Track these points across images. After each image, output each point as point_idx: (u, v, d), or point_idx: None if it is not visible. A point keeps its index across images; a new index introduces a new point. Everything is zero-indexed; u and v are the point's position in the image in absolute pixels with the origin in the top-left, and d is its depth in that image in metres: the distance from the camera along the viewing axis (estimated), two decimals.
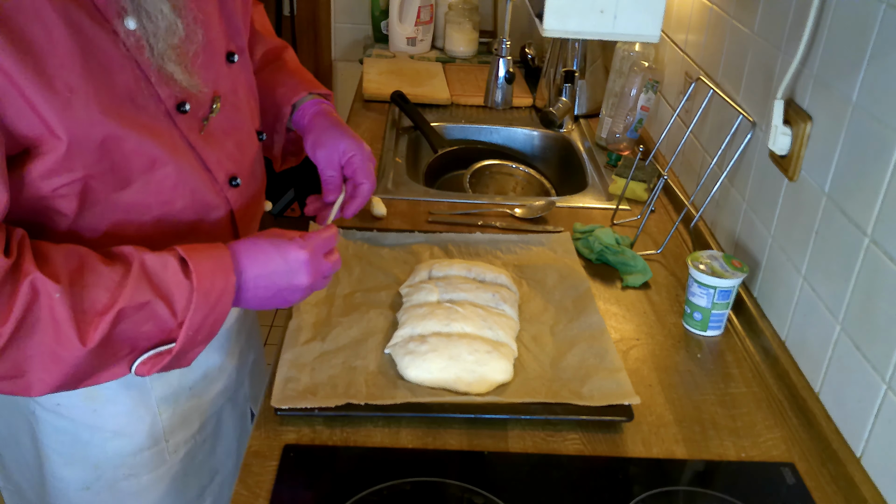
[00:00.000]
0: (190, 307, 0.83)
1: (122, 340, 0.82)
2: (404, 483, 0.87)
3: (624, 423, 0.97)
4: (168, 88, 0.88)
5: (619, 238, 1.35)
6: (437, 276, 1.19)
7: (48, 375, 0.79)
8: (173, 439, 1.06)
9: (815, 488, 0.91)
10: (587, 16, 1.14)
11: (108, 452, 1.02)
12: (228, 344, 1.12)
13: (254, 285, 0.89)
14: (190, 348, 0.86)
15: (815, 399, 1.00)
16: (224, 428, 1.16)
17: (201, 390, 1.08)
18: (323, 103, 1.16)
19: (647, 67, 1.69)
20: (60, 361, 0.78)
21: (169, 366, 0.87)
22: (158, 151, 0.87)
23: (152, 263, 0.82)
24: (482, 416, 0.96)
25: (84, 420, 0.99)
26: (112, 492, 1.05)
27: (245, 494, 0.85)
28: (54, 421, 1.00)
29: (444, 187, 1.82)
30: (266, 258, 0.90)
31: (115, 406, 0.99)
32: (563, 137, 1.91)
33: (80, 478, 1.04)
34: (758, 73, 1.25)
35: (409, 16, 2.37)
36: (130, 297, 0.80)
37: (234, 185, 0.99)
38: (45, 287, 0.76)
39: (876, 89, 0.91)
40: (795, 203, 1.09)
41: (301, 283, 0.91)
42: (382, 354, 1.05)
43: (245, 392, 1.21)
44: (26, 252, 0.78)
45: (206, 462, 1.14)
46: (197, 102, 0.92)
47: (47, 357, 0.78)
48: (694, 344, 1.15)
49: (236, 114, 1.00)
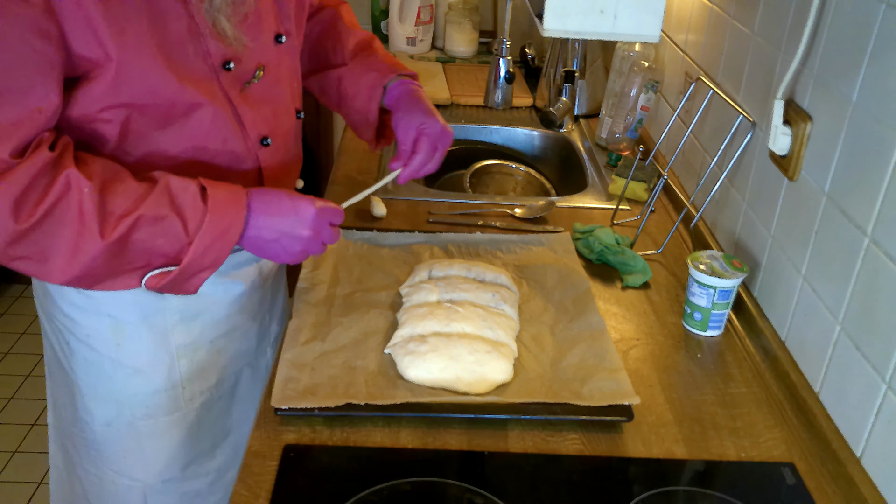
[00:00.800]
0: (200, 229, 0.92)
1: (136, 250, 0.91)
2: (404, 483, 0.87)
3: (624, 423, 0.97)
4: (217, 46, 0.97)
5: (619, 238, 1.35)
6: (437, 276, 1.19)
7: (67, 265, 0.88)
8: (190, 387, 1.14)
9: (815, 488, 0.91)
10: (587, 16, 1.14)
11: (128, 389, 1.11)
12: (251, 305, 1.19)
13: (261, 223, 0.98)
14: (195, 271, 0.95)
15: (815, 399, 1.00)
16: (241, 390, 1.24)
17: (221, 347, 1.16)
18: (409, 83, 1.23)
19: (647, 67, 1.69)
20: (80, 253, 0.88)
21: (174, 283, 0.95)
22: (199, 98, 0.96)
23: (175, 184, 0.93)
24: (482, 416, 0.96)
25: (109, 354, 1.09)
26: (130, 429, 1.14)
27: (245, 494, 0.85)
28: (86, 353, 1.10)
29: (444, 187, 1.81)
30: (278, 203, 0.99)
31: (137, 344, 1.09)
32: (563, 137, 1.91)
33: (103, 413, 1.13)
34: (758, 73, 1.25)
35: (409, 16, 2.37)
36: (150, 208, 0.90)
37: (265, 145, 1.07)
38: (78, 182, 0.86)
39: (876, 89, 0.91)
40: (795, 203, 1.09)
41: (303, 234, 1.00)
42: (382, 354, 1.05)
43: (267, 361, 1.27)
44: (68, 152, 0.89)
45: (220, 419, 1.22)
46: (241, 65, 1.01)
47: (70, 247, 0.87)
48: (694, 344, 1.15)
49: (276, 87, 1.08)
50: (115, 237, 0.88)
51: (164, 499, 1.20)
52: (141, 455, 1.16)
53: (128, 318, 1.08)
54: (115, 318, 1.07)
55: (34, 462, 2.26)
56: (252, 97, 1.04)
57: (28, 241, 0.86)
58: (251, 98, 1.04)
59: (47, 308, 1.12)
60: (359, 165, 1.67)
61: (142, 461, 1.17)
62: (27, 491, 2.17)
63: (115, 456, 1.16)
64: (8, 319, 2.87)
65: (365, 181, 1.60)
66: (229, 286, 1.14)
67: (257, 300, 1.21)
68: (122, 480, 1.18)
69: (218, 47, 0.97)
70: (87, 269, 0.90)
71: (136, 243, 0.91)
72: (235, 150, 1.04)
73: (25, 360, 2.67)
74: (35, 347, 2.73)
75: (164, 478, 1.18)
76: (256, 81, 1.03)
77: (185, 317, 1.11)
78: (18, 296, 3.00)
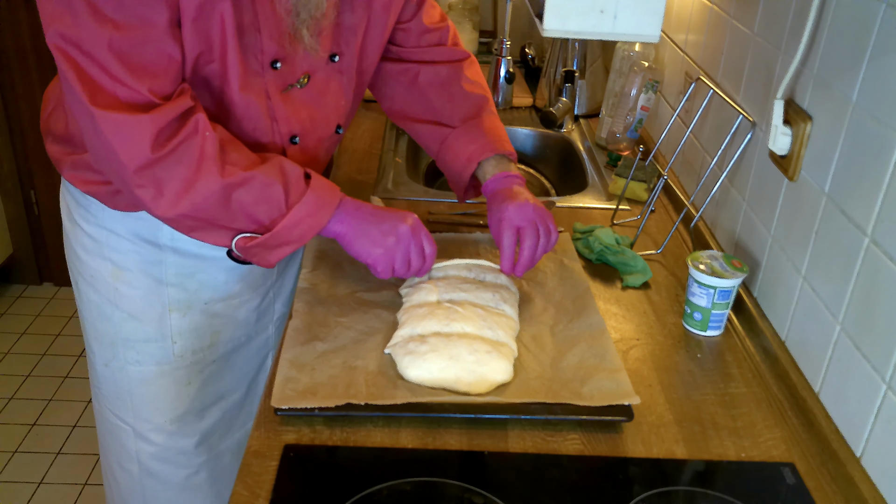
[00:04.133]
0: (298, 203, 1.02)
1: (237, 209, 1.00)
2: (404, 483, 0.87)
3: (624, 423, 0.97)
4: (270, 45, 1.02)
5: (619, 238, 1.35)
6: (437, 276, 1.19)
7: (178, 200, 0.96)
8: (181, 342, 1.22)
9: (815, 488, 0.91)
10: (587, 16, 1.14)
11: (122, 333, 1.21)
12: (253, 277, 1.26)
13: (352, 213, 1.08)
14: (281, 242, 1.04)
15: (815, 399, 1.00)
16: (237, 360, 1.32)
17: (217, 311, 1.24)
18: (513, 180, 1.23)
19: (647, 67, 1.69)
20: (193, 191, 0.96)
21: (260, 249, 1.04)
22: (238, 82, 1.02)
23: (285, 162, 1.04)
24: (482, 416, 0.96)
25: (108, 296, 1.19)
26: (123, 374, 1.24)
27: (245, 494, 0.85)
28: (90, 294, 1.21)
29: (444, 187, 1.81)
30: (371, 210, 1.09)
31: (133, 290, 1.18)
32: (563, 137, 1.91)
33: (102, 353, 1.24)
34: (758, 73, 1.25)
35: None
36: (264, 172, 1.00)
37: (293, 143, 1.13)
38: (205, 126, 0.97)
39: (876, 89, 0.91)
40: (795, 203, 1.09)
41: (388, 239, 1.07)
42: (382, 354, 1.05)
43: (268, 337, 1.36)
44: (199, 106, 0.99)
45: (211, 382, 1.29)
46: (288, 68, 1.07)
47: (185, 184, 0.96)
48: (694, 344, 1.15)
49: (320, 98, 1.14)
50: (229, 181, 0.97)
51: (151, 448, 1.28)
52: (130, 400, 1.25)
53: (127, 264, 1.16)
54: (115, 263, 1.17)
55: (34, 462, 2.26)
56: (292, 99, 1.10)
57: (153, 171, 0.95)
58: (290, 99, 1.09)
59: (67, 252, 1.24)
60: (359, 166, 1.67)
61: (131, 406, 1.26)
62: (27, 491, 2.17)
63: (111, 396, 1.27)
64: (8, 319, 2.87)
65: (365, 181, 1.60)
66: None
67: (260, 273, 1.27)
68: (116, 421, 1.28)
69: (271, 46, 1.02)
70: (193, 209, 0.97)
71: (241, 200, 0.99)
72: (262, 140, 1.10)
73: (25, 359, 2.67)
74: (35, 347, 2.73)
75: (152, 427, 1.27)
76: (300, 87, 1.10)
77: (181, 273, 1.18)
78: (18, 296, 3.00)
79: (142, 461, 1.29)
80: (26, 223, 2.94)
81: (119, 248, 1.16)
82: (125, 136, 0.93)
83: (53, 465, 2.25)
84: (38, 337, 2.79)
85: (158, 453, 1.29)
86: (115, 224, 1.15)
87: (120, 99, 0.92)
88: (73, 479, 2.21)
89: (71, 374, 2.60)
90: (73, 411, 2.44)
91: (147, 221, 1.14)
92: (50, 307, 2.94)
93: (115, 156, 0.94)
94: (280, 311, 1.37)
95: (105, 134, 0.92)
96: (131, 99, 0.92)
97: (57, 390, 2.54)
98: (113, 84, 0.91)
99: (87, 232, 1.17)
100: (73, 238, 1.20)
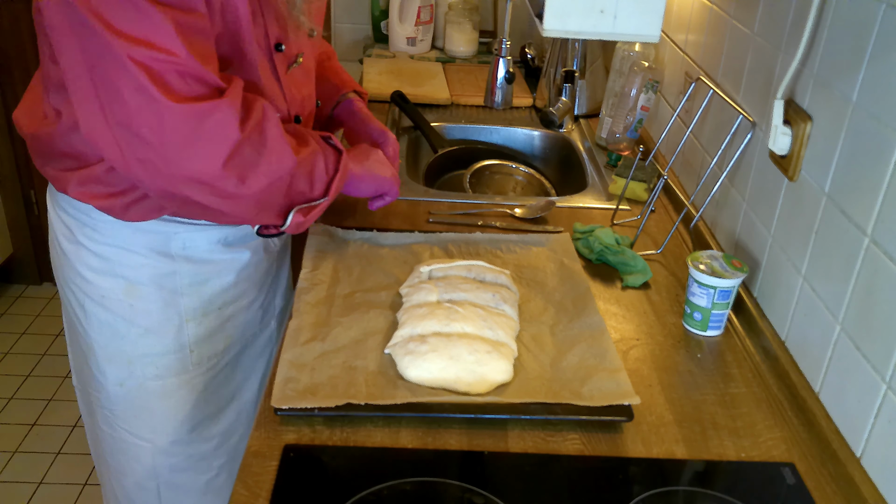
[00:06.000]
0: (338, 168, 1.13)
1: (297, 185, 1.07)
2: (404, 483, 0.87)
3: (624, 423, 0.97)
4: (273, 28, 1.07)
5: (619, 238, 1.35)
6: (437, 276, 1.19)
7: (257, 184, 1.00)
8: (198, 350, 1.22)
9: (815, 488, 0.91)
10: (587, 16, 1.14)
11: (139, 349, 1.19)
12: (257, 275, 1.28)
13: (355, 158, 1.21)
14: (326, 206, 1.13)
15: (815, 399, 1.00)
16: (245, 359, 1.33)
17: (230, 314, 1.25)
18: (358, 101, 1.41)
19: (647, 67, 1.69)
20: (271, 172, 1.00)
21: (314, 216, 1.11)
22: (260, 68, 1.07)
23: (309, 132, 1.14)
24: (482, 416, 0.96)
25: (122, 313, 1.17)
26: (141, 390, 1.21)
27: (245, 494, 0.85)
28: (100, 314, 1.17)
29: (444, 187, 1.82)
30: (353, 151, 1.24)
31: (148, 304, 1.17)
32: (563, 137, 1.91)
33: (115, 374, 1.21)
34: (758, 73, 1.25)
35: (409, 16, 2.37)
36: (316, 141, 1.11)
37: (297, 122, 1.19)
38: (271, 112, 1.02)
39: (876, 89, 0.91)
40: (795, 203, 1.09)
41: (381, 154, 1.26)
42: (382, 354, 1.05)
43: (271, 333, 1.37)
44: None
45: (225, 385, 1.30)
46: (289, 49, 1.12)
47: (265, 166, 1.00)
48: (694, 344, 1.15)
49: (307, 75, 1.22)
50: (301, 157, 1.04)
51: (172, 460, 1.27)
52: (150, 416, 1.23)
53: (141, 279, 1.15)
54: (128, 279, 1.15)
55: (34, 462, 2.26)
56: (292, 79, 1.15)
57: (242, 154, 0.97)
58: (292, 79, 1.15)
59: (65, 275, 1.19)
60: None
61: (151, 422, 1.24)
62: (27, 491, 2.17)
63: (127, 415, 1.24)
64: (8, 319, 2.87)
65: None
66: (236, 254, 1.22)
67: (263, 270, 1.29)
68: (133, 440, 1.25)
69: (274, 29, 1.07)
70: (267, 192, 1.02)
71: (301, 176, 1.06)
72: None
73: (25, 359, 2.67)
74: (35, 347, 2.73)
75: (172, 439, 1.25)
76: (297, 66, 1.16)
77: (194, 281, 1.18)
78: (18, 296, 3.00)
79: (161, 475, 1.28)
80: (26, 223, 2.94)
81: (131, 263, 1.14)
82: (214, 122, 0.93)
83: (53, 465, 2.26)
84: (38, 337, 2.79)
85: (179, 463, 1.28)
86: (126, 239, 1.13)
87: (195, 90, 0.93)
88: (73, 479, 2.21)
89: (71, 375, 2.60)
90: (73, 411, 2.44)
91: (158, 233, 1.13)
92: (50, 307, 2.94)
93: (203, 148, 0.94)
94: (279, 306, 1.38)
95: (191, 127, 0.92)
96: (204, 89, 0.94)
97: (57, 390, 2.54)
98: (183, 77, 0.92)
99: (94, 252, 1.14)
100: (77, 260, 1.16)
